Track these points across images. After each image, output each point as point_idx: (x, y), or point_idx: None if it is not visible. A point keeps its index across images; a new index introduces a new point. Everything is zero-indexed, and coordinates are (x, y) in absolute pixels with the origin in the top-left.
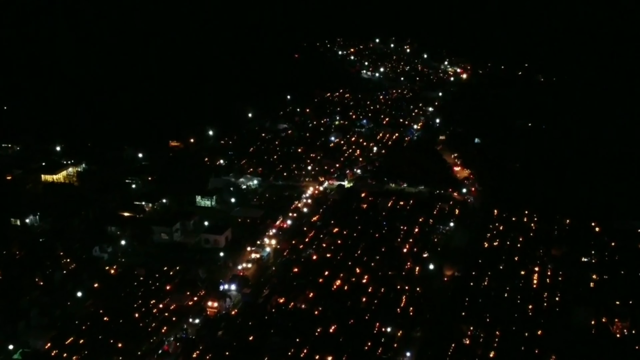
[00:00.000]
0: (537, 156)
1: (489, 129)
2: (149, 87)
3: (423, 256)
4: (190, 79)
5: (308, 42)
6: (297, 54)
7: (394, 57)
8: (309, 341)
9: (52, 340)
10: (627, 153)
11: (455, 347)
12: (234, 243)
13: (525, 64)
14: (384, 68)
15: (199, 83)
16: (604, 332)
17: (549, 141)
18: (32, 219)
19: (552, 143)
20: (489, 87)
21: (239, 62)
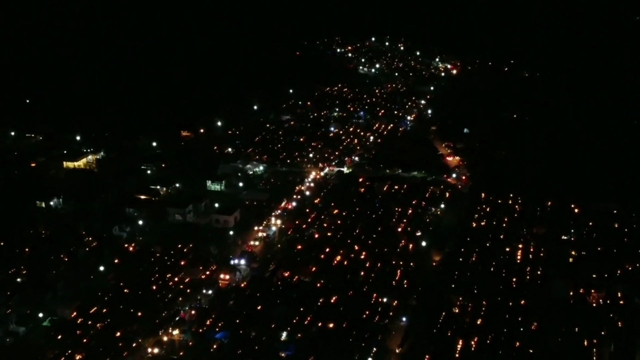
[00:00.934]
0: (521, 145)
1: (476, 120)
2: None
3: (416, 235)
4: (200, 75)
5: (308, 41)
6: (299, 52)
7: (388, 54)
8: (311, 310)
9: (77, 310)
10: (603, 141)
11: (446, 315)
12: (242, 223)
13: (511, 61)
14: (380, 64)
15: (208, 78)
16: (581, 302)
17: (533, 131)
18: (56, 202)
19: (535, 133)
20: (477, 82)
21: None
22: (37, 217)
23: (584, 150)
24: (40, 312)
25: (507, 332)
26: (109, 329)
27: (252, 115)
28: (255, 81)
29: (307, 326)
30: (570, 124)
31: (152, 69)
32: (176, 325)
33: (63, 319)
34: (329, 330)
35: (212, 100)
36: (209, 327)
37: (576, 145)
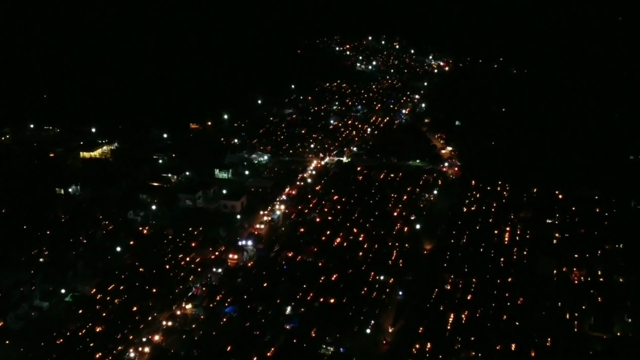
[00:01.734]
0: (509, 136)
1: (467, 113)
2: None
3: (411, 218)
4: (208, 71)
5: (309, 40)
6: (300, 50)
7: (384, 52)
8: (314, 287)
9: (96, 287)
10: (586, 132)
11: (439, 291)
12: (249, 208)
13: (500, 58)
14: (376, 62)
15: (216, 74)
16: (564, 280)
17: (520, 123)
18: (74, 189)
19: (522, 125)
20: (468, 77)
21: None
22: (56, 203)
23: (568, 140)
24: (62, 289)
25: (495, 307)
26: (126, 304)
27: (256, 109)
28: (259, 77)
29: (310, 301)
30: (554, 117)
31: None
32: (188, 300)
33: (83, 295)
34: (330, 305)
35: (219, 95)
36: (218, 302)
37: (560, 136)
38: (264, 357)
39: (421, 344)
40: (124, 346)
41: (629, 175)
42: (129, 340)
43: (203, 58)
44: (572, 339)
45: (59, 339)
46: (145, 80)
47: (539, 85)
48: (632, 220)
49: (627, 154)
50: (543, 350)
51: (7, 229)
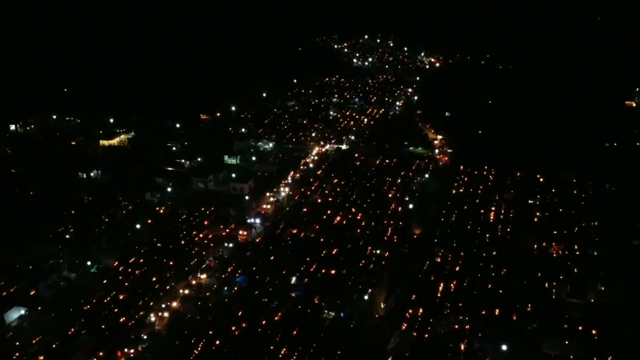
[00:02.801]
0: (494, 125)
1: (456, 105)
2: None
3: (404, 199)
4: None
5: (309, 38)
6: (301, 48)
7: (380, 49)
8: (316, 260)
9: (119, 259)
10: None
11: (429, 263)
12: (256, 190)
13: (487, 55)
14: (372, 58)
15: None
16: (543, 253)
17: (504, 113)
18: (95, 173)
19: (506, 115)
20: (457, 73)
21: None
22: (79, 186)
23: (548, 129)
24: (88, 261)
25: (480, 277)
26: (146, 275)
27: (261, 101)
28: (264, 73)
29: (313, 272)
30: (536, 108)
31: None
32: (203, 271)
33: (107, 267)
34: (330, 276)
35: (227, 89)
36: (230, 273)
37: (541, 125)
38: (272, 321)
39: (414, 310)
40: (145, 312)
41: (603, 161)
42: (150, 307)
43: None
44: (550, 305)
45: (86, 305)
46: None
47: (522, 79)
48: (606, 201)
49: (603, 141)
50: (524, 315)
51: (36, 209)
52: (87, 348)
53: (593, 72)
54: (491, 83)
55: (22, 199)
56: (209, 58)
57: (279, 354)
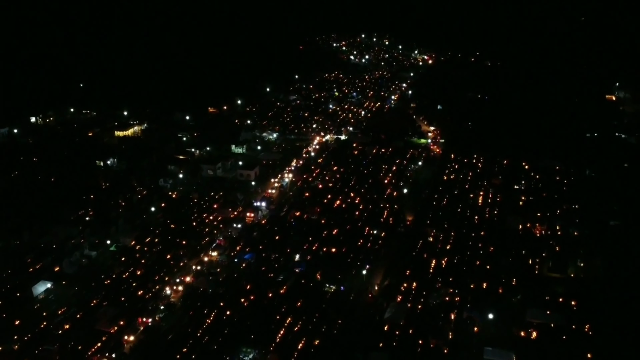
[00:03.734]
0: (483, 117)
1: (448, 98)
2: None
3: (399, 185)
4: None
5: (310, 37)
6: (302, 46)
7: (375, 48)
8: (318, 239)
9: (136, 239)
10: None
11: (422, 242)
12: (261, 176)
13: (477, 53)
14: (369, 56)
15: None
16: (528, 233)
17: (492, 107)
18: (111, 161)
19: (494, 108)
20: (448, 69)
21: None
22: (97, 173)
23: (534, 120)
24: (108, 241)
25: (469, 255)
26: (161, 253)
27: (265, 95)
28: (267, 69)
29: (315, 250)
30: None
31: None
32: (214, 249)
33: (125, 246)
34: (331, 254)
35: (233, 84)
36: (239, 251)
37: (527, 117)
38: (277, 294)
39: (408, 284)
40: (161, 285)
41: (584, 149)
42: (165, 281)
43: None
44: (533, 279)
45: (106, 280)
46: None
47: (509, 75)
48: (586, 186)
49: (584, 132)
50: (509, 288)
51: (58, 194)
52: (108, 317)
53: (576, 69)
54: (480, 79)
55: (44, 185)
56: (216, 56)
57: (285, 323)
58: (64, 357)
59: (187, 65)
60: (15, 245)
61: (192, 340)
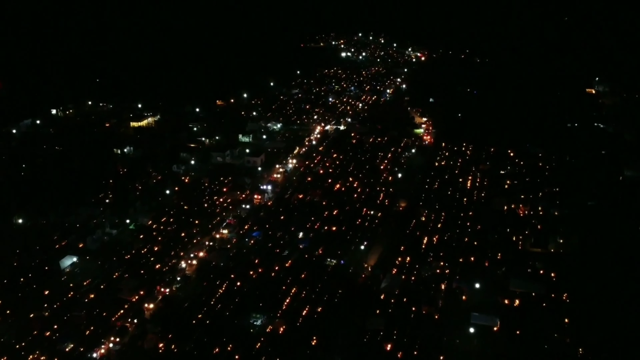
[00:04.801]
0: (472, 109)
1: (439, 92)
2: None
3: (394, 170)
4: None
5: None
6: (303, 44)
7: (372, 46)
8: (320, 219)
9: (152, 219)
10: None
11: (415, 222)
12: (267, 163)
13: (467, 50)
14: (365, 53)
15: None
16: (512, 213)
17: (480, 99)
18: (128, 149)
19: (482, 100)
20: (440, 65)
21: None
22: (115, 160)
23: (519, 111)
24: (127, 220)
25: (458, 232)
26: (176, 231)
27: (269, 89)
28: (271, 65)
29: (317, 229)
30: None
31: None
32: (224, 228)
33: (143, 225)
34: (332, 232)
35: (239, 79)
36: (247, 229)
37: (512, 109)
38: (283, 267)
39: (402, 258)
40: (177, 260)
41: (565, 138)
42: (181, 256)
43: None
44: (516, 254)
45: (127, 255)
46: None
47: (496, 71)
48: (566, 171)
49: (565, 122)
50: (494, 261)
51: (80, 179)
52: (130, 287)
53: (559, 64)
54: (469, 74)
55: (67, 170)
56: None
57: (290, 292)
58: (91, 322)
59: (196, 61)
60: (42, 225)
61: (206, 308)
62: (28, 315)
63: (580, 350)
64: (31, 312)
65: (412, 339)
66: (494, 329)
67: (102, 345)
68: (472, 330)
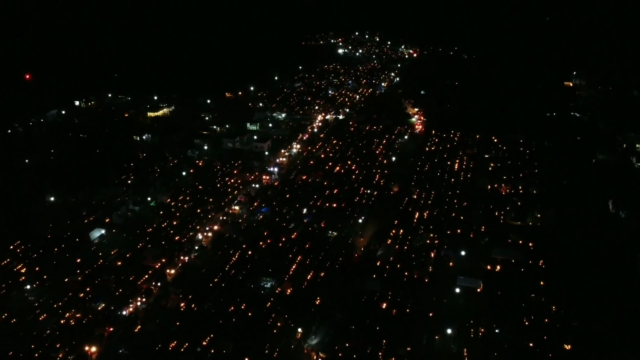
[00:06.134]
0: (459, 100)
1: (429, 85)
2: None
3: (388, 154)
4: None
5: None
6: (304, 42)
7: (368, 43)
8: (321, 197)
9: (171, 197)
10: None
11: (408, 199)
12: (273, 148)
13: (455, 47)
14: (362, 50)
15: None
16: (495, 192)
17: (466, 92)
18: (146, 136)
19: (468, 93)
20: (430, 61)
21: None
22: (135, 146)
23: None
24: (148, 198)
25: (446, 208)
26: (192, 207)
27: (274, 83)
28: (275, 61)
29: (319, 206)
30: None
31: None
32: (236, 204)
33: (162, 202)
34: (333, 208)
35: (247, 73)
36: (256, 206)
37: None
38: (289, 238)
39: (396, 230)
40: (193, 232)
41: (544, 125)
42: (197, 229)
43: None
44: (498, 227)
45: (148, 228)
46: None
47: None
48: (544, 154)
49: (545, 111)
50: (478, 233)
51: (104, 162)
52: (153, 255)
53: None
54: (457, 68)
55: (92, 155)
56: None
57: (296, 260)
58: (119, 285)
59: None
60: (72, 202)
61: (222, 273)
62: (63, 279)
63: (553, 307)
64: (66, 277)
65: (404, 299)
66: (478, 290)
67: (130, 305)
68: (458, 291)
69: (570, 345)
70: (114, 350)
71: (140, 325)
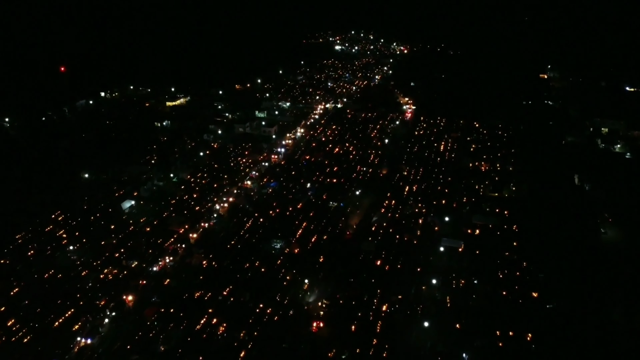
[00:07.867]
0: (445, 90)
1: (419, 78)
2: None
3: (382, 137)
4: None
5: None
6: (305, 40)
7: (363, 41)
8: (323, 174)
9: (190, 174)
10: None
11: (399, 176)
12: (279, 132)
13: (442, 44)
14: (357, 47)
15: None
16: (477, 169)
17: (451, 83)
18: (166, 123)
19: (453, 84)
20: (420, 57)
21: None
22: (157, 131)
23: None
24: (170, 174)
25: (433, 183)
26: (209, 183)
27: (279, 76)
28: (280, 57)
29: (321, 181)
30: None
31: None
32: (248, 180)
33: (183, 178)
34: (333, 183)
35: (254, 68)
36: (266, 181)
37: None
38: (295, 208)
39: (388, 200)
40: (211, 204)
41: (520, 112)
42: (214, 201)
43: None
44: (478, 197)
45: (172, 200)
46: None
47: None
48: (520, 137)
49: (522, 100)
50: (461, 203)
51: (130, 145)
52: (177, 222)
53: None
54: (444, 63)
55: (119, 138)
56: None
57: (301, 226)
58: (148, 247)
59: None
60: (103, 179)
61: (237, 237)
62: (100, 242)
63: (524, 263)
64: (102, 240)
65: (396, 257)
66: (459, 250)
67: (159, 263)
68: (442, 249)
69: (537, 293)
70: (148, 298)
71: (169, 279)
